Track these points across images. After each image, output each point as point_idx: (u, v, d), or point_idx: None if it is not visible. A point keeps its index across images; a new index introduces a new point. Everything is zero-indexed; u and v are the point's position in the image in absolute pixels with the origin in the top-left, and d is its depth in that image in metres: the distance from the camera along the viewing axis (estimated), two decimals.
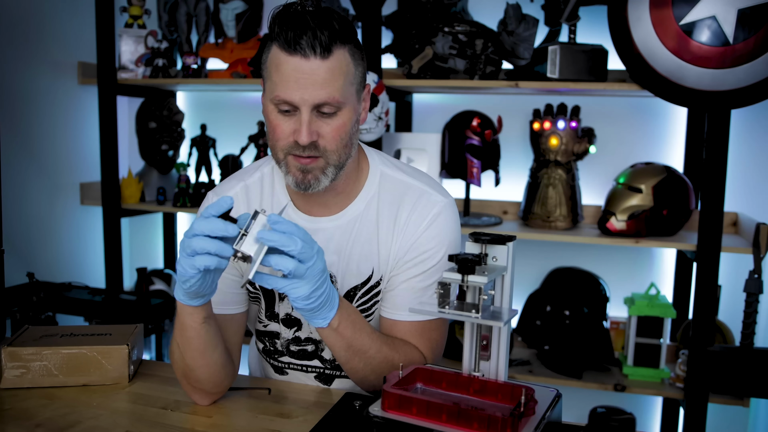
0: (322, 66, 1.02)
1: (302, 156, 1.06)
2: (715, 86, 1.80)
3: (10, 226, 2.17)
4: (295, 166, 1.08)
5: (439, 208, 1.17)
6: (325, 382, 1.27)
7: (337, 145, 1.07)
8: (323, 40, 1.01)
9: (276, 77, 1.04)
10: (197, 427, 1.04)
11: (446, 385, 1.00)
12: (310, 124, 1.04)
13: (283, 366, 1.28)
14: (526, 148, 2.36)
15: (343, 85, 1.05)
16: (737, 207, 2.20)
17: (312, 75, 1.02)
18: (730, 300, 2.15)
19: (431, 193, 1.18)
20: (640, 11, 1.84)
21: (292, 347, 1.25)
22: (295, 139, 1.05)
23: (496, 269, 0.94)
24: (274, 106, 1.06)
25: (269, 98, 1.06)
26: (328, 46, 1.01)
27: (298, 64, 1.01)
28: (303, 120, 1.03)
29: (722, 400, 2.03)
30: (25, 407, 1.10)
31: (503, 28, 2.10)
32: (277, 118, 1.06)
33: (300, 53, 1.01)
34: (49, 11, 2.45)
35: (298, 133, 1.04)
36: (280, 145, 1.08)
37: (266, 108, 1.08)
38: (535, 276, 2.40)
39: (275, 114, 1.06)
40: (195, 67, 2.44)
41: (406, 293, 1.17)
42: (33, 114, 2.42)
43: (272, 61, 1.05)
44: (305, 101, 1.03)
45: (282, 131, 1.06)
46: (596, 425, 0.94)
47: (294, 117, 1.05)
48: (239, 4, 2.42)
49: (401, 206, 1.17)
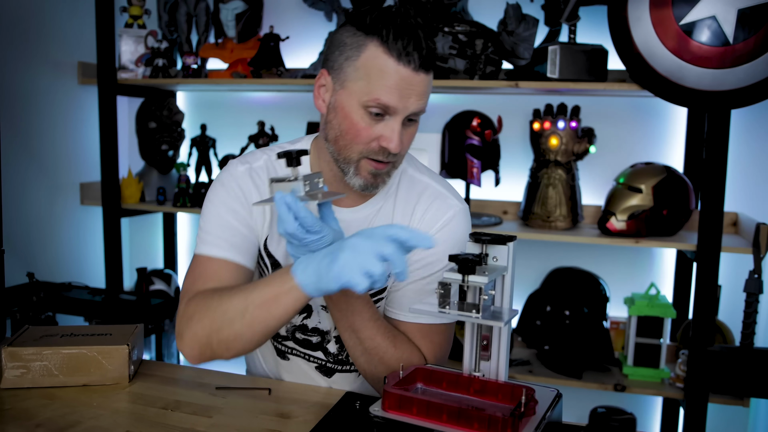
0: (425, 80, 1.06)
1: (382, 161, 1.08)
2: (715, 86, 1.80)
3: (10, 226, 2.17)
4: (368, 170, 1.09)
5: (454, 212, 1.19)
6: (325, 374, 1.27)
7: (405, 151, 1.12)
8: (431, 57, 1.05)
9: (378, 81, 1.03)
10: (197, 427, 1.04)
11: (446, 385, 1.00)
12: (401, 132, 1.06)
13: (286, 350, 1.28)
14: (526, 148, 2.36)
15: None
16: (737, 207, 2.20)
17: (417, 87, 1.04)
18: (730, 300, 2.15)
19: (448, 196, 1.21)
20: (640, 11, 1.84)
21: (297, 334, 1.25)
22: (382, 145, 1.06)
23: (496, 269, 0.94)
24: (363, 108, 1.05)
25: (360, 99, 1.05)
26: (432, 61, 1.06)
27: (407, 75, 1.03)
28: (395, 128, 1.05)
29: (722, 400, 2.03)
30: (25, 407, 1.10)
31: (503, 28, 2.10)
32: (363, 120, 1.06)
33: (412, 65, 1.03)
34: (49, 11, 2.45)
35: (387, 140, 1.05)
36: (358, 147, 1.07)
37: (348, 106, 1.06)
38: (535, 276, 2.40)
39: (361, 115, 1.05)
40: (195, 67, 2.44)
41: (412, 294, 1.18)
42: (33, 114, 2.42)
43: (373, 63, 1.03)
44: (406, 110, 1.05)
45: (367, 134, 1.06)
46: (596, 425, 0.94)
47: (382, 122, 1.06)
48: (239, 4, 2.42)
49: (417, 204, 1.19)
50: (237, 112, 2.75)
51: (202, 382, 1.22)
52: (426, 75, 1.05)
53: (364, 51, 1.04)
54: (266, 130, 2.55)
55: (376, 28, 1.03)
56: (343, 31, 1.08)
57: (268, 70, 2.37)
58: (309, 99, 2.65)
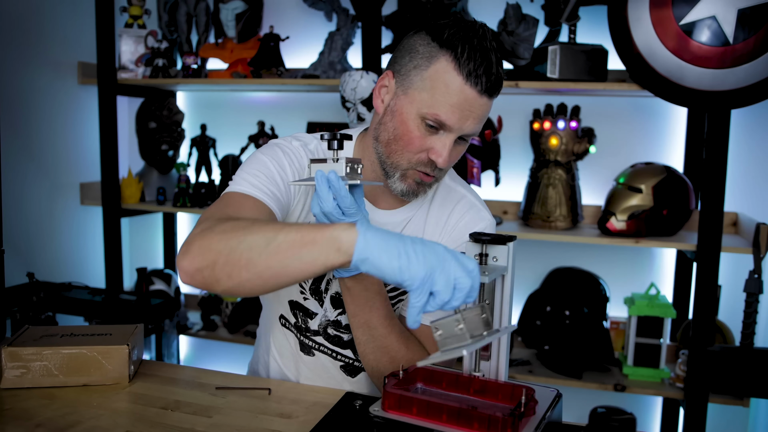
0: (487, 104, 1.07)
1: (429, 174, 1.11)
2: (715, 86, 1.80)
3: (10, 226, 2.17)
4: (415, 179, 1.12)
5: (486, 224, 1.23)
6: (350, 374, 1.27)
7: (450, 166, 1.15)
8: (498, 83, 1.06)
9: (441, 96, 1.04)
10: (197, 427, 1.04)
11: (446, 385, 1.00)
12: (452, 150, 1.08)
13: (313, 346, 1.27)
14: (526, 148, 2.36)
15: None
16: (737, 207, 2.20)
17: (478, 110, 1.06)
18: (730, 300, 2.15)
19: (481, 209, 1.25)
20: (640, 11, 1.84)
21: (330, 330, 1.25)
22: (431, 158, 1.08)
23: (496, 269, 0.94)
24: (421, 118, 1.06)
25: (419, 109, 1.06)
26: (499, 89, 1.06)
27: (471, 96, 1.04)
28: (447, 144, 1.07)
29: (722, 400, 2.03)
30: (25, 407, 1.10)
31: (503, 28, 2.10)
32: (419, 129, 1.07)
33: (479, 87, 1.03)
34: (49, 11, 2.45)
35: (437, 154, 1.07)
36: (409, 156, 1.09)
37: (405, 114, 1.07)
38: (535, 276, 2.40)
39: (417, 124, 1.07)
40: (195, 67, 2.44)
41: None
42: (33, 114, 2.42)
43: (440, 76, 1.03)
44: (461, 130, 1.06)
45: (419, 145, 1.08)
46: (596, 425, 0.94)
47: (436, 135, 1.07)
48: (239, 4, 2.42)
49: (453, 212, 1.24)
50: (237, 112, 2.75)
51: (202, 382, 1.22)
52: (489, 100, 1.06)
53: (434, 63, 1.04)
54: (266, 130, 2.55)
55: (452, 43, 1.03)
56: (417, 38, 1.08)
57: (268, 70, 2.37)
58: (309, 99, 2.65)
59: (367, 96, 2.02)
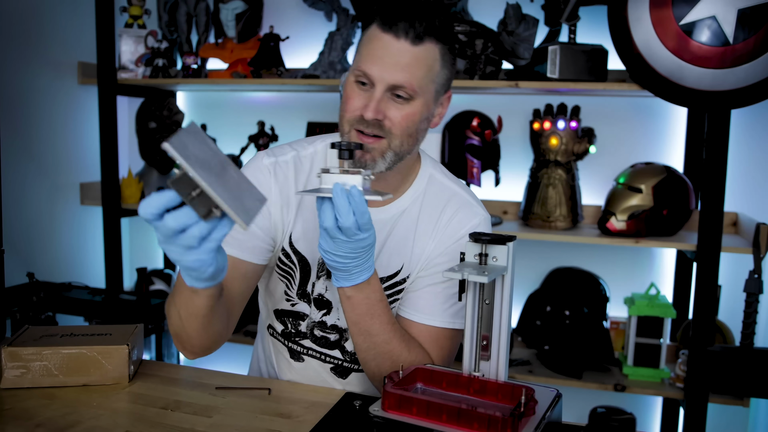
0: (409, 50, 1.05)
1: (366, 133, 1.07)
2: (715, 86, 1.80)
3: (10, 226, 2.17)
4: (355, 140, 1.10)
5: (479, 221, 1.21)
6: (340, 376, 1.26)
7: (401, 130, 1.08)
8: (418, 27, 1.04)
9: (364, 50, 1.07)
10: (197, 427, 1.04)
11: (446, 385, 1.00)
12: (380, 102, 1.06)
13: (302, 351, 1.27)
14: (526, 148, 2.36)
15: (423, 77, 1.07)
16: (737, 207, 2.20)
17: (397, 56, 1.04)
18: (730, 300, 2.15)
19: (474, 204, 1.22)
20: (640, 11, 1.84)
21: (316, 331, 1.24)
22: (361, 113, 1.06)
23: (496, 269, 0.94)
24: (354, 78, 1.08)
25: (352, 70, 1.09)
26: (421, 34, 1.04)
27: (388, 42, 1.05)
28: (375, 96, 1.06)
29: (722, 400, 2.03)
30: (25, 407, 1.10)
31: (503, 28, 2.10)
32: (353, 90, 1.08)
33: (393, 32, 1.04)
34: (49, 11, 2.45)
35: (366, 108, 1.06)
36: (347, 116, 1.09)
37: (347, 81, 1.10)
38: (535, 276, 2.40)
39: (352, 86, 1.08)
40: (195, 67, 2.44)
41: (429, 297, 1.18)
42: (33, 114, 2.42)
43: (367, 36, 1.08)
44: (382, 78, 1.05)
45: (352, 103, 1.08)
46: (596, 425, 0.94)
47: (368, 93, 1.07)
48: (239, 4, 2.42)
49: (445, 209, 1.20)
50: (237, 112, 2.75)
51: (202, 382, 1.22)
52: (411, 45, 1.04)
53: (367, 31, 1.09)
54: (266, 130, 2.55)
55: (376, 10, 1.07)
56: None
57: (268, 70, 2.37)
58: (309, 99, 2.65)
59: None
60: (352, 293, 1.05)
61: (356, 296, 1.05)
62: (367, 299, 1.06)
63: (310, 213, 1.19)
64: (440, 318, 1.17)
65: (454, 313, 1.18)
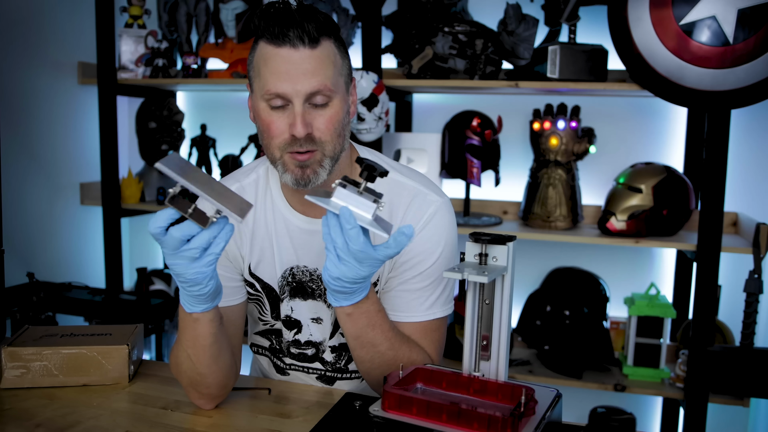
0: (311, 55, 1.02)
1: (300, 152, 1.05)
2: (715, 86, 1.80)
3: (10, 226, 2.17)
4: (293, 164, 1.06)
5: (435, 208, 1.16)
6: (327, 383, 1.27)
7: (332, 136, 1.06)
8: (310, 30, 1.02)
9: (265, 72, 1.03)
10: (197, 427, 1.04)
11: (446, 385, 1.00)
12: (305, 116, 1.03)
13: (285, 367, 1.28)
14: (526, 148, 2.36)
15: (333, 75, 1.05)
16: (737, 207, 2.20)
17: (302, 64, 1.02)
18: (730, 300, 2.15)
19: (426, 192, 1.17)
20: (640, 11, 1.84)
21: (292, 349, 1.25)
22: (291, 134, 1.03)
23: (496, 269, 0.94)
24: (266, 103, 1.05)
25: (260, 95, 1.05)
26: (315, 36, 1.02)
27: (287, 55, 1.02)
28: (297, 112, 1.03)
29: (722, 400, 2.03)
30: (25, 407, 1.10)
31: (503, 28, 2.10)
32: (270, 116, 1.05)
33: (289, 44, 1.01)
34: (49, 11, 2.45)
35: (293, 127, 1.03)
36: (275, 143, 1.06)
37: (257, 108, 1.07)
38: (535, 276, 2.40)
39: (267, 111, 1.05)
40: (195, 67, 2.44)
41: (404, 294, 1.17)
42: (33, 114, 2.42)
43: (260, 57, 1.04)
44: (297, 92, 1.02)
45: (276, 128, 1.05)
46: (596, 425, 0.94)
47: (287, 111, 1.04)
48: (239, 4, 2.42)
49: (396, 207, 1.16)
50: (237, 112, 2.75)
51: None
52: (311, 50, 1.02)
53: (255, 50, 1.06)
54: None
55: (260, 27, 1.04)
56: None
57: None
58: None
59: (367, 96, 2.02)
60: (352, 310, 1.03)
61: (356, 312, 1.04)
62: (366, 312, 1.04)
63: (263, 239, 1.18)
64: (420, 313, 1.17)
65: (431, 303, 1.17)
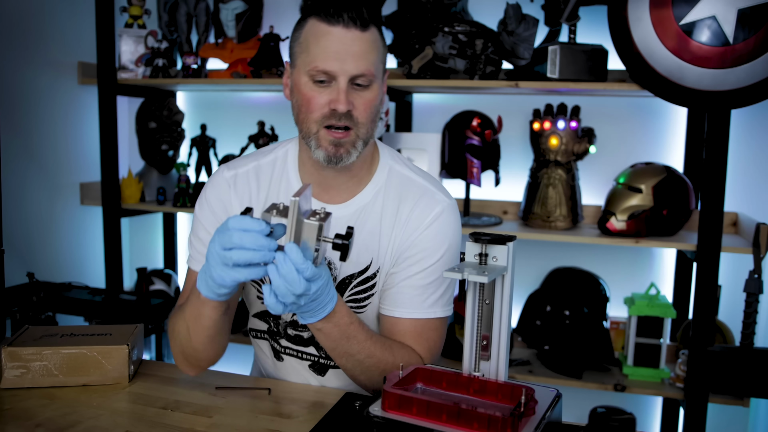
0: (361, 38, 1.07)
1: (338, 126, 1.08)
2: (715, 86, 1.80)
3: (10, 226, 2.17)
4: (328, 140, 1.10)
5: (441, 208, 1.19)
6: (318, 372, 1.26)
7: (367, 119, 1.11)
8: (363, 13, 1.07)
9: (315, 48, 1.07)
10: (197, 427, 1.04)
11: (446, 385, 1.00)
12: (348, 94, 1.07)
13: (280, 350, 1.28)
14: (526, 148, 2.36)
15: (376, 61, 1.10)
16: (737, 207, 2.20)
17: (352, 46, 1.06)
18: (730, 300, 2.15)
19: (434, 192, 1.21)
20: (640, 11, 1.84)
21: (289, 331, 1.25)
22: (332, 108, 1.08)
23: (496, 269, 0.94)
24: (309, 78, 1.08)
25: (304, 70, 1.09)
26: (366, 20, 1.07)
27: (339, 35, 1.06)
28: (341, 89, 1.07)
29: (722, 400, 2.03)
30: (25, 407, 1.10)
31: (503, 28, 2.10)
32: (312, 90, 1.09)
33: (342, 23, 1.06)
34: (49, 11, 2.45)
35: (335, 102, 1.07)
36: (314, 116, 1.10)
37: (298, 82, 1.11)
38: (535, 276, 2.40)
39: (310, 86, 1.09)
40: (195, 67, 2.44)
41: (406, 290, 1.18)
42: (33, 114, 2.42)
43: (310, 33, 1.09)
44: (345, 71, 1.07)
45: (317, 102, 1.09)
46: (596, 425, 0.94)
47: (330, 88, 1.08)
48: (239, 4, 2.42)
49: (404, 201, 1.19)
50: (237, 112, 2.75)
51: (202, 382, 1.22)
52: (361, 32, 1.07)
53: (304, 27, 1.10)
54: (266, 130, 2.55)
55: (313, 5, 1.08)
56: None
57: (268, 70, 2.37)
58: None
59: None
60: (322, 325, 1.05)
61: (326, 326, 1.05)
62: (337, 326, 1.06)
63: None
64: (421, 310, 1.18)
65: (433, 302, 1.18)
